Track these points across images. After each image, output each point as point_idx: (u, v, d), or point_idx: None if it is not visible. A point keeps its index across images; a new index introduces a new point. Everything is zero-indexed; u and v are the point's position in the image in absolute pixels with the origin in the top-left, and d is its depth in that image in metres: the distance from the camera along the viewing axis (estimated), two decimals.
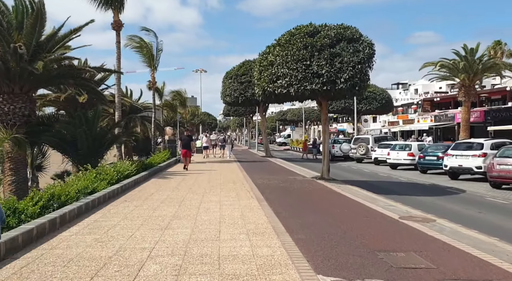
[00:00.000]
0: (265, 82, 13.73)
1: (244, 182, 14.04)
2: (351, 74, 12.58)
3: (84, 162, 15.81)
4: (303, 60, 12.86)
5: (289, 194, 11.21)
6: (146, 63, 29.83)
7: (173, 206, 9.06)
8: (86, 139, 14.97)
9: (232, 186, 12.81)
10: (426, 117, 45.35)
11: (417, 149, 22.87)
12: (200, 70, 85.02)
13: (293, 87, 12.94)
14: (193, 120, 60.89)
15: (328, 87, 12.66)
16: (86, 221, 7.43)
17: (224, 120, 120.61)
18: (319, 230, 6.81)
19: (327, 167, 15.08)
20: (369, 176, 19.66)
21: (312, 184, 13.48)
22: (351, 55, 12.78)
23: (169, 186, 12.86)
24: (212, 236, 6.31)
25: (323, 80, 12.62)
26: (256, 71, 14.76)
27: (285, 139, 68.25)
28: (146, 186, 12.64)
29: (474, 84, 33.15)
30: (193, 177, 15.63)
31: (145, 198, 10.24)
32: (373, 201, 10.29)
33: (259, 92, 14.61)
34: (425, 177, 19.39)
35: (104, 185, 10.15)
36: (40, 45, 14.09)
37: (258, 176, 15.90)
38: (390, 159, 23.40)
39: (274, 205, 9.12)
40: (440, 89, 69.62)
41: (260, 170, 19.53)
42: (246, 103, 30.54)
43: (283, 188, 12.38)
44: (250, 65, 30.18)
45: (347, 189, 12.45)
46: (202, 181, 14.07)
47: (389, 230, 6.95)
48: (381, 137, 30.24)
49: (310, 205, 9.33)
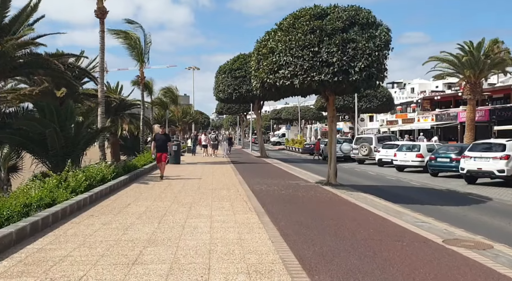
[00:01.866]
0: (264, 73, 11.81)
1: (240, 188, 12.13)
2: (367, 63, 10.71)
3: (57, 164, 13.84)
4: (310, 46, 10.96)
5: (295, 205, 9.32)
6: (134, 57, 27.80)
7: (151, 223, 7.13)
8: (57, 138, 12.97)
9: (226, 193, 10.89)
10: (427, 116, 43.73)
11: (426, 150, 21.11)
12: (192, 68, 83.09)
13: (298, 78, 11.03)
14: (185, 118, 58.75)
15: (340, 78, 10.77)
16: (28, 250, 5.46)
17: (217, 119, 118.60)
18: (347, 265, 4.92)
19: (334, 171, 13.21)
20: (377, 180, 17.83)
21: (319, 192, 11.59)
22: (366, 40, 10.92)
23: (151, 193, 10.91)
24: (198, 279, 4.40)
25: (334, 69, 10.73)
26: (254, 61, 12.84)
27: (279, 138, 66.41)
28: (123, 194, 10.67)
29: (480, 81, 31.55)
30: (181, 182, 13.68)
31: (118, 211, 8.28)
32: (398, 215, 8.44)
33: (257, 85, 12.69)
34: (437, 180, 17.60)
35: (66, 195, 8.15)
36: (2, 29, 12.07)
37: (254, 181, 13.99)
38: (397, 161, 21.59)
39: (279, 223, 7.22)
40: (437, 88, 68.49)
41: (256, 173, 17.61)
42: (240, 99, 28.60)
43: (286, 197, 10.49)
44: (245, 59, 28.26)
45: (361, 198, 10.58)
46: (191, 187, 12.13)
47: (441, 265, 5.07)
48: (385, 137, 28.46)
49: (326, 223, 7.45)
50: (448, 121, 39.16)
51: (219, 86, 28.65)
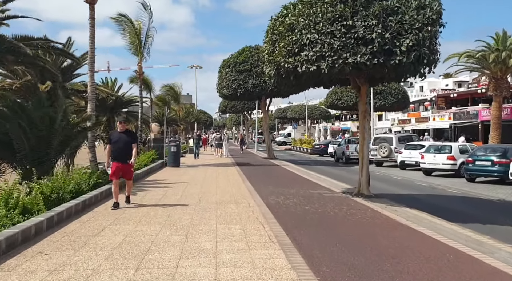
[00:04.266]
0: (281, 56, 9.33)
1: (251, 200, 9.66)
2: (416, 41, 8.22)
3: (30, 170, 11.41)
4: (341, 19, 8.48)
5: (331, 231, 6.83)
6: (132, 50, 25.20)
7: (124, 269, 4.67)
8: (26, 137, 10.52)
9: (235, 210, 8.43)
10: (443, 115, 41.05)
11: (459, 152, 18.58)
12: (195, 66, 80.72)
13: (326, 60, 8.54)
14: (188, 117, 56.28)
15: (381, 60, 8.28)
16: None
17: (220, 118, 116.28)
18: None
19: (366, 179, 10.72)
20: (408, 187, 15.30)
21: (352, 206, 9.10)
22: (414, 12, 8.43)
23: (138, 210, 8.46)
24: None
25: (373, 49, 8.24)
26: (267, 43, 10.34)
27: (285, 138, 63.88)
28: (101, 212, 8.21)
29: (507, 76, 29.01)
30: (178, 191, 11.23)
31: (83, 242, 5.82)
32: (479, 245, 5.97)
33: (271, 72, 10.20)
34: (478, 187, 15.02)
35: (6, 221, 5.68)
36: None
37: (267, 190, 11.54)
38: (425, 164, 19.04)
39: (318, 267, 4.75)
40: (447, 86, 66.22)
41: (267, 178, 15.15)
42: (246, 96, 26.05)
43: (313, 216, 8.01)
44: (251, 51, 25.79)
45: (412, 216, 8.08)
46: (190, 200, 9.67)
47: None
48: (406, 137, 25.86)
49: (389, 267, 4.96)
50: (468, 120, 36.49)
51: (222, 82, 26.14)
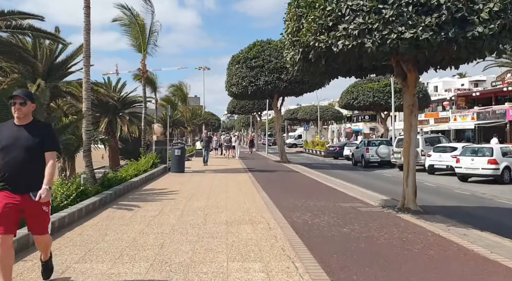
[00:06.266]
0: (310, 33, 7.21)
1: (271, 219, 7.54)
2: (500, 7, 6.07)
3: None
4: None
5: (396, 273, 4.69)
6: (135, 47, 23.21)
7: None
8: None
9: (251, 235, 6.32)
10: (466, 115, 38.61)
11: (501, 155, 16.31)
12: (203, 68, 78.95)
13: (373, 35, 6.42)
14: (195, 119, 54.28)
15: (451, 34, 6.12)
16: None
17: (228, 120, 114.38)
18: None
19: (413, 190, 8.52)
20: (450, 197, 13.05)
21: (403, 228, 6.94)
22: None
23: (120, 237, 6.36)
24: None
25: (441, 18, 6.09)
26: (288, 20, 8.25)
27: (295, 140, 61.65)
28: (71, 239, 6.13)
29: None
30: (178, 206, 9.14)
31: None
32: None
33: (295, 57, 8.08)
34: None
35: None
36: None
37: (288, 203, 9.42)
38: (461, 168, 16.77)
39: None
40: (462, 86, 64.06)
41: (285, 186, 13.03)
42: (257, 94, 23.94)
43: (359, 245, 5.87)
44: (263, 46, 23.74)
45: (493, 244, 5.91)
46: (193, 219, 7.58)
47: None
48: (433, 138, 23.57)
49: None
50: (494, 120, 34.05)
51: (232, 79, 24.09)
